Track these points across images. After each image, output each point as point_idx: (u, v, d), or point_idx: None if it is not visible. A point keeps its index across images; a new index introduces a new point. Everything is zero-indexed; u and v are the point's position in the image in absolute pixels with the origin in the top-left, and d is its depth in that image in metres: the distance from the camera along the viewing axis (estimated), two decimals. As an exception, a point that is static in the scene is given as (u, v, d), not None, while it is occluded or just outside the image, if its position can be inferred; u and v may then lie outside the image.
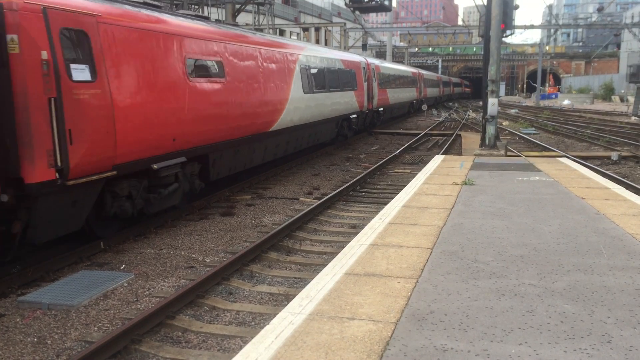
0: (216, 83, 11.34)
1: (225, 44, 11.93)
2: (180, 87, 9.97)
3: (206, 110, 10.81)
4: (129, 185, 8.97)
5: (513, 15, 17.11)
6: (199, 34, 11.00)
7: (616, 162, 17.95)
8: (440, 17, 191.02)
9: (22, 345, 5.66)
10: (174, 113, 9.74)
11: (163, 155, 9.52)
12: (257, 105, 13.15)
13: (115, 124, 8.26)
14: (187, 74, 10.23)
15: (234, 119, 12.00)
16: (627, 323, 4.12)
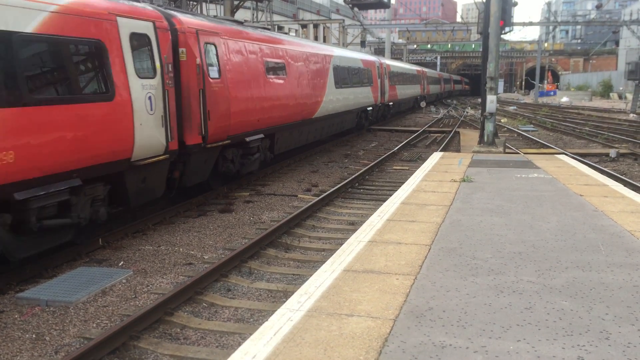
0: (281, 79, 14.85)
1: (286, 49, 15.57)
2: (261, 82, 13.46)
3: (276, 100, 14.27)
4: (232, 152, 12.38)
5: (512, 12, 17.12)
6: (271, 42, 14.67)
7: (614, 160, 17.97)
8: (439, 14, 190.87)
9: (20, 342, 5.66)
10: (258, 101, 13.14)
11: (251, 131, 12.89)
12: (305, 97, 16.77)
13: (230, 107, 11.66)
14: (265, 73, 13.75)
15: (291, 108, 15.49)
16: (625, 319, 4.13)
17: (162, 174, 9.90)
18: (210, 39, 11.18)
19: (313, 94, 17.46)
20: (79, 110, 7.61)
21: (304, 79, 16.77)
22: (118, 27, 8.56)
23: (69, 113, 7.43)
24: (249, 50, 13.03)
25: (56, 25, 7.36)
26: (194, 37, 10.56)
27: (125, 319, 5.76)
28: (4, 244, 6.89)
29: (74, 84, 7.71)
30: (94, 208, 8.32)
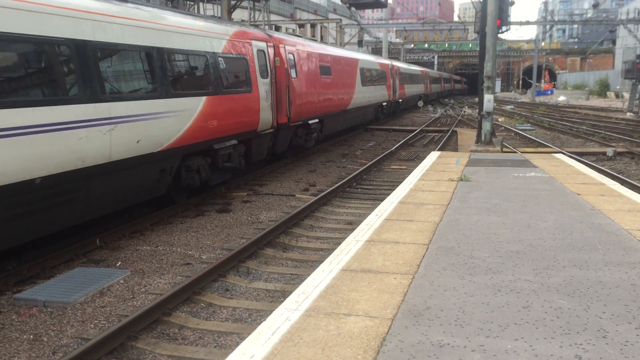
0: (328, 79, 19.69)
1: (330, 55, 20.69)
2: (317, 81, 18.34)
3: (325, 94, 19.09)
4: (301, 131, 17.29)
5: (509, 11, 17.10)
6: (321, 50, 19.84)
7: (611, 158, 18.00)
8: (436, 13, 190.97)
9: (18, 343, 5.65)
10: (316, 95, 18.06)
11: (312, 117, 17.67)
12: (342, 93, 21.62)
13: (302, 98, 16.38)
14: (320, 74, 18.60)
15: (334, 101, 20.32)
16: (622, 318, 4.14)
17: (268, 141, 14.69)
18: (290, 50, 16.03)
19: (347, 90, 22.40)
20: (239, 98, 12.45)
21: (342, 79, 21.65)
22: (252, 47, 13.42)
23: (236, 99, 12.28)
24: (310, 57, 17.95)
25: (229, 48, 12.34)
26: (283, 49, 15.39)
27: (123, 320, 5.75)
28: (207, 173, 11.50)
29: (239, 82, 12.59)
30: (239, 159, 12.83)
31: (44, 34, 7.18)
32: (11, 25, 6.68)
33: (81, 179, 7.85)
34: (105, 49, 8.31)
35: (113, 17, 8.53)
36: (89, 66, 7.89)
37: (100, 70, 8.13)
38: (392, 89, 33.18)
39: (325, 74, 19.17)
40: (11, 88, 6.76)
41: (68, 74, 7.65)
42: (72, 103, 7.53)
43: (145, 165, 9.34)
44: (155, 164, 9.66)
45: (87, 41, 7.88)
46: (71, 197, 7.84)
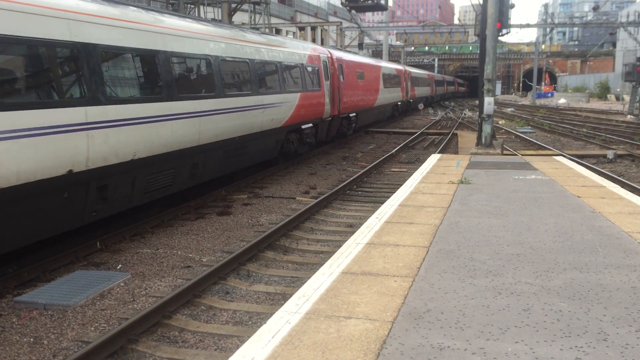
0: (362, 82, 25.50)
1: (362, 63, 26.67)
2: (355, 84, 23.96)
3: (359, 94, 24.85)
4: (344, 121, 22.50)
5: (509, 14, 17.12)
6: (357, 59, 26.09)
7: (612, 161, 18.00)
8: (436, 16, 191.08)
9: (18, 346, 5.65)
10: (354, 95, 23.57)
11: (351, 111, 23.17)
12: (370, 93, 27.46)
13: (346, 97, 21.61)
14: (356, 78, 24.17)
15: (365, 99, 26.19)
16: (623, 321, 4.14)
17: (327, 126, 20.23)
18: (339, 60, 21.76)
19: (374, 91, 28.31)
20: (314, 95, 17.80)
21: (370, 83, 27.45)
22: (320, 59, 19.02)
23: (313, 95, 17.63)
24: (351, 66, 23.60)
25: (308, 60, 17.73)
26: (335, 60, 21.06)
27: (124, 322, 5.75)
28: (297, 145, 16.77)
29: (314, 83, 17.95)
30: (312, 138, 18.16)
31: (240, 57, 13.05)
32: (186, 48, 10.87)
33: (247, 140, 13.21)
34: (263, 64, 14.26)
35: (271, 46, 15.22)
36: (257, 74, 13.72)
37: (261, 77, 13.98)
38: (405, 91, 39.83)
39: (360, 79, 25.20)
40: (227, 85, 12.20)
41: (247, 79, 13.25)
42: (250, 95, 13.16)
43: (272, 136, 14.94)
44: (276, 136, 15.20)
45: (253, 60, 13.62)
46: (243, 151, 13.25)
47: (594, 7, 63.40)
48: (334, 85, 20.26)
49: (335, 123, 21.07)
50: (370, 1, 30.42)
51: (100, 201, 8.44)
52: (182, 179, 10.68)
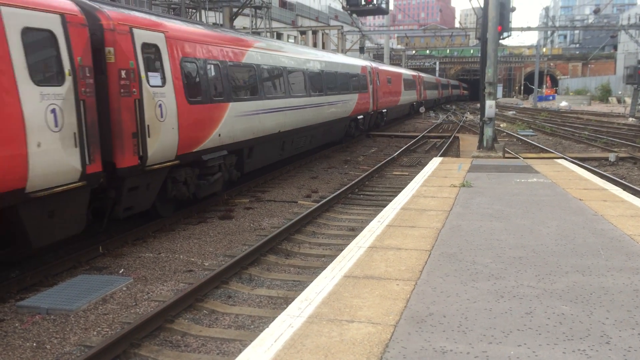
0: (390, 86, 32.18)
1: (388, 70, 33.28)
2: (385, 87, 30.88)
3: (387, 96, 31.21)
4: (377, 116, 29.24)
5: (510, 17, 17.13)
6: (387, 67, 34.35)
7: (614, 164, 17.98)
8: (437, 19, 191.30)
9: (21, 350, 5.66)
10: (384, 96, 30.42)
11: (382, 108, 29.93)
12: (395, 95, 34.07)
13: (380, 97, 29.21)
14: (386, 82, 30.98)
15: (390, 100, 32.09)
16: (625, 324, 4.13)
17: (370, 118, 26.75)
18: (375, 70, 28.32)
19: (397, 93, 35.19)
20: (364, 95, 24.96)
21: (395, 86, 34.41)
22: (367, 70, 25.81)
23: (363, 96, 24.77)
24: (382, 73, 30.51)
25: (361, 70, 25.11)
26: (373, 69, 27.71)
27: (126, 327, 5.76)
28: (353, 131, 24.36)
29: (363, 86, 24.90)
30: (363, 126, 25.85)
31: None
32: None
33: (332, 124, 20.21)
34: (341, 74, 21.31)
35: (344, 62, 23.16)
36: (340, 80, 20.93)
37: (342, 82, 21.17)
38: (419, 93, 47.41)
39: (389, 83, 32.17)
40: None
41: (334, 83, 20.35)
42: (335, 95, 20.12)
43: (343, 122, 22.03)
44: (344, 122, 22.34)
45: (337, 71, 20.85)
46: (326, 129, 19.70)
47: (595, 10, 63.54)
48: (374, 88, 27.30)
49: (374, 116, 28.51)
50: (371, 5, 30.53)
51: (287, 147, 16.20)
52: (306, 142, 18.09)
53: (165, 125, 9.63)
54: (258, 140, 13.56)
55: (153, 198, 9.93)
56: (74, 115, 7.64)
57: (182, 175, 10.55)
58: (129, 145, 8.77)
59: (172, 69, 10.01)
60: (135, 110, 8.87)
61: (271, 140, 14.52)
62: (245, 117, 12.68)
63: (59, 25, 7.54)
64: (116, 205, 8.98)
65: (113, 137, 8.61)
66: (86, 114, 7.86)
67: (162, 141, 9.54)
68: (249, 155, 13.42)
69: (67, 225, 7.92)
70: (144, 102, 9.08)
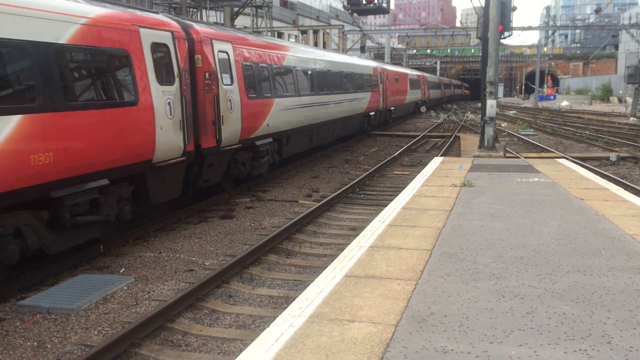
0: (397, 85, 35.09)
1: (396, 71, 36.18)
2: (394, 86, 33.77)
3: (395, 94, 34.20)
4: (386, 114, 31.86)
5: (511, 17, 17.14)
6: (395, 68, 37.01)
7: (615, 163, 17.97)
8: (438, 19, 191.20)
9: (22, 350, 5.66)
10: (392, 94, 33.24)
11: (391, 106, 32.74)
12: (402, 94, 37.02)
13: (390, 96, 32.18)
14: (394, 82, 33.81)
15: (398, 98, 35.23)
16: (627, 323, 4.13)
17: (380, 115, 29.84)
18: (384, 71, 30.16)
19: (403, 92, 37.84)
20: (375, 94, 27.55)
21: (402, 86, 37.28)
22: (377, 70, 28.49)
23: (375, 94, 27.27)
24: (391, 74, 32.65)
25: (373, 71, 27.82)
26: (383, 69, 30.03)
27: (127, 326, 5.76)
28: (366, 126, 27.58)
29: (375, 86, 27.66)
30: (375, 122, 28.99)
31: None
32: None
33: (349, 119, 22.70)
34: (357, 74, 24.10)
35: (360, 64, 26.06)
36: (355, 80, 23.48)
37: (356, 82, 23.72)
38: (423, 92, 49.97)
39: (396, 83, 34.69)
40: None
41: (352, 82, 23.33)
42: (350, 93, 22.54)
43: (357, 117, 24.38)
44: (359, 118, 24.85)
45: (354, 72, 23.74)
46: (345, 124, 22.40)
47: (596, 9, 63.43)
48: (383, 87, 29.74)
49: (383, 113, 31.04)
50: (372, 4, 30.53)
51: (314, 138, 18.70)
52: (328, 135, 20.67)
53: (233, 116, 12.04)
54: (293, 131, 16.09)
55: (222, 174, 12.30)
56: (179, 107, 10.08)
57: (241, 157, 13.01)
58: (210, 130, 11.19)
59: (237, 71, 12.47)
60: (214, 104, 11.31)
61: (303, 131, 17.15)
62: (285, 111, 15.27)
63: (171, 40, 10.04)
64: (198, 177, 11.33)
65: (199, 124, 10.93)
66: (186, 106, 10.29)
67: (230, 128, 11.93)
68: (287, 144, 15.92)
69: (170, 190, 10.27)
70: (220, 97, 11.46)
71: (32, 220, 7.26)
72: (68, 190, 7.55)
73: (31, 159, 6.85)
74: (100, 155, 8.04)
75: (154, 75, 9.30)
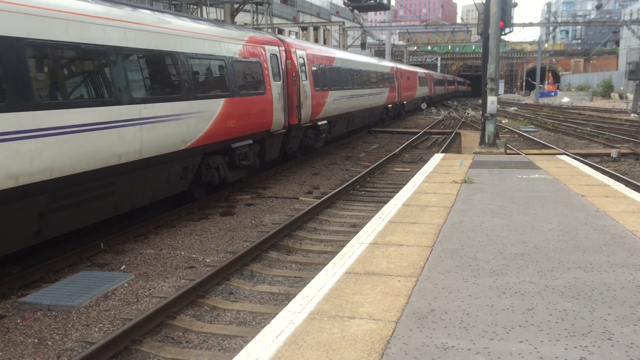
0: (409, 82, 40.17)
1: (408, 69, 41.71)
2: (406, 82, 38.45)
3: (407, 90, 39.01)
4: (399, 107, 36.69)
5: (512, 13, 17.10)
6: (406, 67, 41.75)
7: (616, 160, 17.95)
8: (439, 15, 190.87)
9: (22, 347, 5.66)
10: (405, 90, 37.72)
11: (403, 101, 37.27)
12: (412, 90, 42.24)
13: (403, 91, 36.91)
14: (406, 79, 38.73)
15: (410, 94, 40.77)
16: (627, 320, 4.12)
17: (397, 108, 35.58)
18: (399, 69, 35.76)
19: (413, 88, 42.29)
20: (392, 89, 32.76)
21: (412, 82, 41.74)
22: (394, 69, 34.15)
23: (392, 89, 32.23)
24: (403, 72, 37.32)
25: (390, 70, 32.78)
26: (397, 68, 35.41)
27: (128, 323, 5.76)
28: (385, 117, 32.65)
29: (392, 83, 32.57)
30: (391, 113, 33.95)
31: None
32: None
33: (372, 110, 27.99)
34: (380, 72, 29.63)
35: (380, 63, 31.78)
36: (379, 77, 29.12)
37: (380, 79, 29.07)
38: (429, 89, 54.52)
39: (408, 80, 39.32)
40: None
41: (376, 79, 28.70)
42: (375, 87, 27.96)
43: (379, 109, 29.63)
44: (381, 109, 30.11)
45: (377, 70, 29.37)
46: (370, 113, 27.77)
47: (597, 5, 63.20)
48: (398, 84, 34.32)
49: (398, 106, 35.67)
50: (372, 1, 30.42)
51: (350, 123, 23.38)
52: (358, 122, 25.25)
53: (307, 103, 16.81)
54: (338, 117, 20.96)
55: (298, 144, 17.28)
56: (282, 96, 14.90)
57: (309, 133, 18.05)
58: (295, 112, 15.95)
59: (309, 71, 17.30)
60: (297, 94, 16.14)
61: (343, 118, 22.05)
62: (335, 100, 20.10)
63: (278, 51, 15.05)
64: (286, 145, 16.09)
65: (289, 108, 15.51)
66: (285, 95, 15.15)
67: (305, 112, 16.74)
68: (334, 126, 20.82)
69: (275, 152, 15.22)
70: (300, 89, 16.35)
71: (222, 160, 12.00)
72: (238, 144, 12.38)
73: (227, 124, 11.71)
74: (250, 125, 12.90)
75: (271, 75, 14.19)
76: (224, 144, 11.68)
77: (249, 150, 12.92)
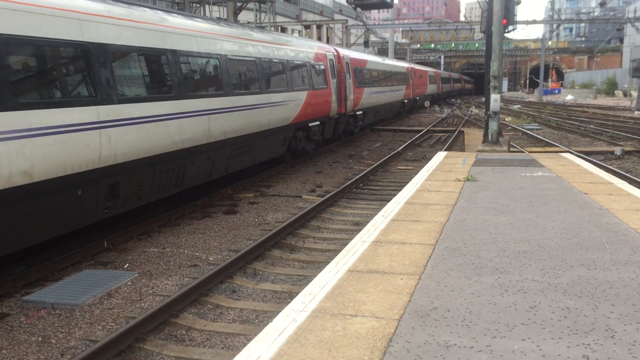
0: (421, 79, 45.05)
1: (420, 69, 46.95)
2: (418, 81, 43.34)
3: (419, 88, 44.02)
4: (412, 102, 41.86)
5: (515, 10, 17.06)
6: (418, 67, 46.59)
7: (619, 157, 17.90)
8: (442, 13, 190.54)
9: (26, 345, 5.68)
10: (417, 87, 42.57)
11: (416, 97, 42.43)
12: (424, 87, 47.37)
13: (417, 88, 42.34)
14: (418, 77, 43.44)
15: (422, 91, 45.83)
16: (630, 318, 4.12)
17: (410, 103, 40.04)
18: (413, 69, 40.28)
19: (424, 85, 46.42)
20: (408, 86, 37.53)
21: (423, 80, 46.35)
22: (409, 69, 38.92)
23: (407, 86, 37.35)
24: (416, 71, 42.29)
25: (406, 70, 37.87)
26: (412, 67, 40.66)
27: (131, 321, 5.78)
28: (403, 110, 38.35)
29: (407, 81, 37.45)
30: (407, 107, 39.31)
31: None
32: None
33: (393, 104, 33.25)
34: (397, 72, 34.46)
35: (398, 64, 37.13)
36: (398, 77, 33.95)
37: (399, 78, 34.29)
38: (438, 86, 58.53)
39: (420, 78, 43.40)
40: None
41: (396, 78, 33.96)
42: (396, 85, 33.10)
43: (398, 103, 34.81)
44: (399, 103, 35.18)
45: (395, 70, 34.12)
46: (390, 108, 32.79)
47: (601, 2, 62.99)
48: (412, 82, 38.36)
49: (412, 101, 40.36)
50: (375, -1, 30.39)
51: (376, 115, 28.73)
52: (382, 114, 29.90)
53: (350, 96, 21.16)
54: (369, 109, 25.39)
55: (343, 129, 22.12)
56: (336, 89, 19.36)
57: (351, 121, 22.79)
58: (343, 103, 20.37)
59: (351, 71, 21.69)
60: (344, 89, 20.54)
61: (373, 110, 26.61)
62: (368, 95, 24.59)
63: (334, 56, 19.74)
64: (335, 128, 20.57)
65: (339, 100, 19.84)
66: (338, 90, 19.65)
67: (349, 103, 21.12)
68: (366, 116, 25.29)
69: (330, 133, 19.88)
70: (346, 86, 20.67)
71: (303, 135, 16.91)
72: (312, 123, 17.11)
73: (307, 109, 16.37)
74: (319, 111, 17.65)
75: (330, 74, 18.86)
76: (304, 123, 16.56)
77: (317, 129, 17.81)
